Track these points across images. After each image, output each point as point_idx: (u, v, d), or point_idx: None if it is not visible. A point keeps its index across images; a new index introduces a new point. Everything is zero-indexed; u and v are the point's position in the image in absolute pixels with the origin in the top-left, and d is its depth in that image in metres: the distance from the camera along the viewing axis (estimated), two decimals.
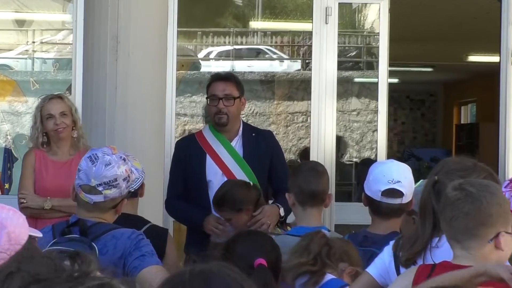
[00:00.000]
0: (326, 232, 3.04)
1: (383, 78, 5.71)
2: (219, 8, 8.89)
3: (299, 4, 8.79)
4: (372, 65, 8.81)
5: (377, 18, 5.92)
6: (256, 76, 9.18)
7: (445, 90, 15.18)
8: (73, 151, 4.51)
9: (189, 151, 4.41)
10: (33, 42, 7.53)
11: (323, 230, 3.44)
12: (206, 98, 4.47)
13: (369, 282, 2.69)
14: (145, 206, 3.80)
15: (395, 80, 12.26)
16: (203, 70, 9.40)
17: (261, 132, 4.63)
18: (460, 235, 2.37)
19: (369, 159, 8.46)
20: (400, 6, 6.23)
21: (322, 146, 5.53)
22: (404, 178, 3.28)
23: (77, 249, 2.65)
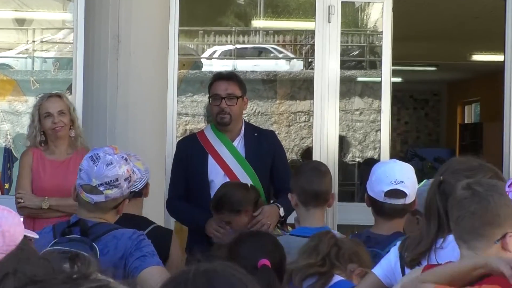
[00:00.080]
0: (336, 233, 3.01)
1: (386, 77, 5.69)
2: (221, 7, 8.87)
3: (302, 2, 8.76)
4: (375, 64, 8.78)
5: (380, 17, 5.90)
6: (258, 75, 9.15)
7: (448, 90, 15.15)
8: (71, 150, 4.49)
9: (191, 151, 4.38)
10: (33, 41, 7.51)
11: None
12: (208, 98, 4.44)
13: (374, 282, 2.68)
14: (147, 206, 3.78)
15: (399, 79, 12.23)
16: (205, 69, 9.37)
17: (263, 132, 4.60)
18: (466, 235, 2.35)
19: (372, 159, 8.44)
20: (403, 5, 6.20)
21: (325, 146, 5.50)
22: (407, 178, 3.26)
23: (77, 251, 2.64)
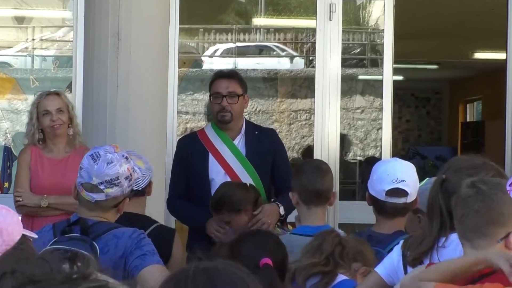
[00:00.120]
0: (339, 231, 2.99)
1: (388, 75, 5.68)
2: (221, 5, 8.86)
3: (303, 0, 8.74)
4: (376, 63, 8.75)
5: (382, 15, 5.88)
6: (259, 73, 9.13)
7: (450, 88, 15.13)
8: (69, 148, 4.48)
9: (191, 150, 4.37)
10: (33, 39, 7.50)
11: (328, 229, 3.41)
12: (209, 96, 4.42)
13: (377, 281, 2.67)
14: (147, 205, 3.76)
15: (400, 77, 12.21)
16: (207, 67, 9.35)
17: (264, 130, 4.59)
18: (470, 234, 2.34)
19: (374, 157, 8.41)
20: (405, 3, 6.18)
21: (326, 144, 5.49)
22: (409, 177, 3.25)
23: (76, 250, 2.62)
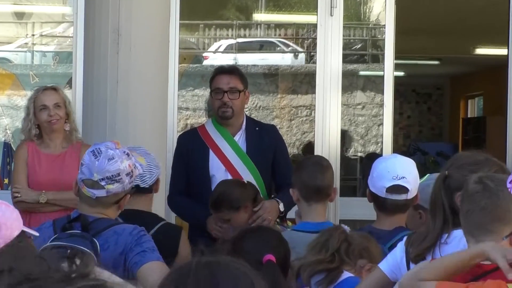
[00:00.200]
0: (345, 227, 2.97)
1: (389, 71, 5.67)
2: (221, 1, 8.84)
3: None
4: (377, 58, 8.73)
5: (383, 10, 5.87)
6: (260, 69, 9.11)
7: (451, 84, 15.10)
8: (66, 144, 4.47)
9: (192, 146, 4.36)
10: (32, 35, 7.48)
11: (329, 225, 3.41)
12: (210, 92, 4.41)
13: (380, 277, 2.66)
14: None
15: (401, 73, 12.18)
16: (207, 63, 9.33)
17: (264, 127, 4.58)
18: (475, 230, 2.33)
19: (374, 153, 8.41)
20: None
21: (327, 140, 5.47)
22: (409, 173, 3.24)
23: (76, 249, 2.61)
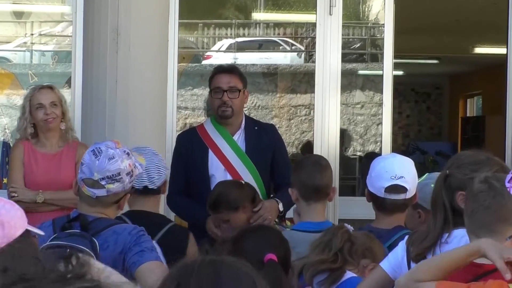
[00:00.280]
0: (349, 227, 2.97)
1: (388, 70, 5.66)
2: (221, 0, 8.83)
3: None
4: (376, 57, 8.71)
5: (382, 9, 5.86)
6: (259, 68, 9.10)
7: (450, 83, 15.10)
8: (62, 143, 4.46)
9: (191, 145, 4.36)
10: (31, 34, 7.47)
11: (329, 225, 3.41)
12: (209, 91, 4.41)
13: (381, 276, 2.66)
14: None
15: (400, 72, 12.19)
16: (204, 62, 9.32)
17: (263, 126, 4.58)
18: (478, 229, 2.33)
19: (374, 152, 8.39)
20: None
21: (326, 139, 5.47)
22: (407, 173, 3.24)
23: (74, 249, 2.61)
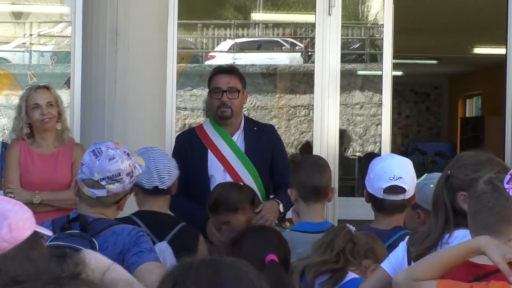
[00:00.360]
0: (351, 227, 2.97)
1: (387, 70, 5.66)
2: (220, 0, 8.83)
3: None
4: (375, 58, 8.71)
5: (381, 10, 5.86)
6: (258, 69, 9.10)
7: (450, 83, 15.11)
8: (58, 143, 4.46)
9: (190, 146, 4.36)
10: (30, 34, 7.48)
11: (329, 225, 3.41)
12: (209, 91, 4.40)
13: (383, 277, 2.65)
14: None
15: (399, 73, 12.19)
16: (207, 63, 9.33)
17: (262, 126, 4.58)
18: (481, 230, 2.32)
19: (373, 153, 8.39)
20: None
21: (325, 140, 5.47)
22: (406, 173, 3.23)
23: (68, 248, 2.60)
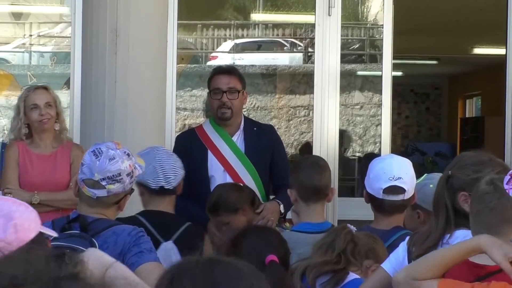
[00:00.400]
0: (352, 228, 2.97)
1: (387, 71, 5.66)
2: (219, 0, 8.83)
3: None
4: (375, 58, 8.71)
5: (381, 10, 5.86)
6: (257, 69, 9.09)
7: (450, 83, 15.11)
8: (56, 143, 4.47)
9: (190, 146, 4.36)
10: (30, 35, 7.48)
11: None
12: (209, 92, 4.40)
13: (383, 277, 2.65)
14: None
15: (399, 73, 12.19)
16: (204, 63, 9.32)
17: (262, 127, 4.59)
18: (483, 230, 2.32)
19: (373, 153, 8.39)
20: None
21: (325, 140, 5.47)
22: (405, 174, 3.24)
23: (64, 249, 2.60)
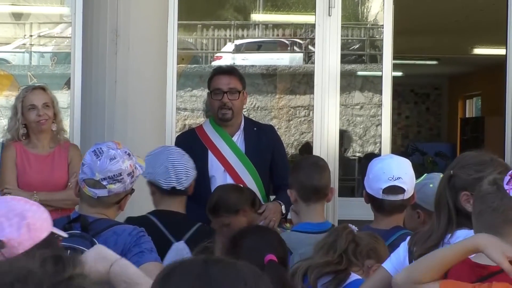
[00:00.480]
0: (353, 227, 2.97)
1: (387, 71, 5.66)
2: (219, 1, 8.83)
3: None
4: (375, 58, 8.70)
5: (381, 10, 5.86)
6: (258, 69, 9.09)
7: (450, 84, 15.11)
8: (53, 144, 4.48)
9: (190, 146, 4.35)
10: (30, 35, 7.48)
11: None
12: (209, 92, 4.40)
13: (384, 277, 2.65)
14: (146, 202, 3.74)
15: (399, 73, 12.19)
16: (203, 64, 9.32)
17: (262, 127, 4.59)
18: (485, 231, 2.31)
19: (373, 153, 8.39)
20: None
21: (325, 140, 5.47)
22: (405, 173, 3.24)
23: (62, 250, 2.60)
